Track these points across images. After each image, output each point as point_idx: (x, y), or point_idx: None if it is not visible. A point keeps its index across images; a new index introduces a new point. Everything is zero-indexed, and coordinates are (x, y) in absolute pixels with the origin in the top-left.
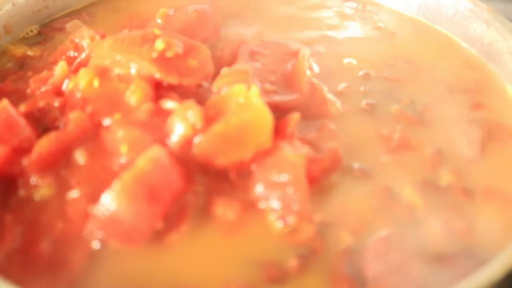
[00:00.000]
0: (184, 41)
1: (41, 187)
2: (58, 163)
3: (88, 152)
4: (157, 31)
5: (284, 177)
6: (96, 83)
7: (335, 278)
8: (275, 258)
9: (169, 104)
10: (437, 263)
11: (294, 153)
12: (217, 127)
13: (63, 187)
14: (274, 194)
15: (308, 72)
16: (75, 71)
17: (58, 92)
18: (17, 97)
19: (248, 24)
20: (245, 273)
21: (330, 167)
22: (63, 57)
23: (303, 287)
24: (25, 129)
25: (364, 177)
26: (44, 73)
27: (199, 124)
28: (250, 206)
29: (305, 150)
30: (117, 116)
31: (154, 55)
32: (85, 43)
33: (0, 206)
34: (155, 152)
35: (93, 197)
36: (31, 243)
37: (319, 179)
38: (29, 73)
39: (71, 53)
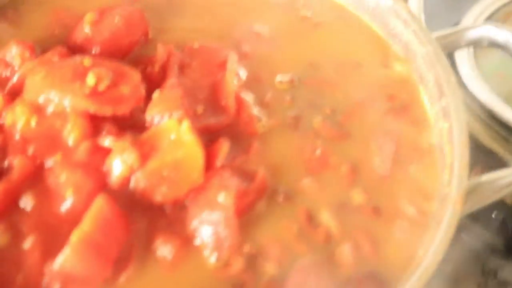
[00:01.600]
0: (114, 67)
1: None
2: (8, 210)
3: (35, 196)
4: (86, 62)
5: (215, 216)
6: (33, 122)
7: None
8: None
9: (106, 142)
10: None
11: (224, 192)
12: (152, 165)
13: (17, 234)
14: (207, 232)
15: (234, 86)
16: (10, 98)
17: None
18: None
19: (176, 20)
20: None
21: (257, 197)
22: None
23: None
24: None
25: (287, 202)
26: None
27: (135, 165)
28: (187, 242)
29: (234, 184)
30: (58, 157)
31: (87, 91)
32: (15, 62)
33: None
34: (98, 207)
35: (47, 246)
36: None
37: (247, 211)
38: None
39: (2, 72)
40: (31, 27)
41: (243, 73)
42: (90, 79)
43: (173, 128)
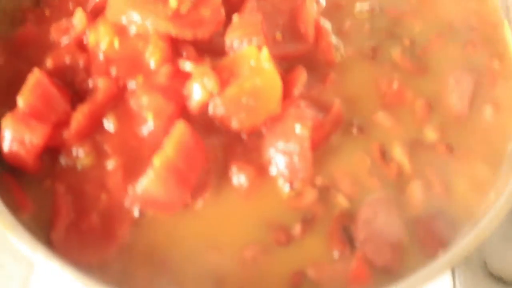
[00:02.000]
0: None
1: (82, 156)
2: (93, 130)
3: (117, 118)
4: None
5: (291, 146)
6: (116, 43)
7: (331, 241)
8: (283, 222)
9: (186, 66)
10: (414, 226)
11: (300, 123)
12: (231, 91)
13: (100, 154)
14: (282, 161)
15: (314, 13)
16: (92, 17)
17: (80, 44)
18: (40, 47)
19: None
20: (258, 235)
21: (332, 129)
22: None
23: (304, 249)
24: (61, 103)
25: (361, 135)
26: (64, 22)
27: (215, 90)
28: (262, 171)
29: (310, 116)
30: (140, 79)
31: (169, 13)
32: None
33: (48, 175)
34: (179, 134)
35: (129, 168)
36: (82, 215)
37: (322, 143)
38: (47, 11)
39: None
40: None
41: (322, 1)
42: (173, 1)
43: (252, 55)
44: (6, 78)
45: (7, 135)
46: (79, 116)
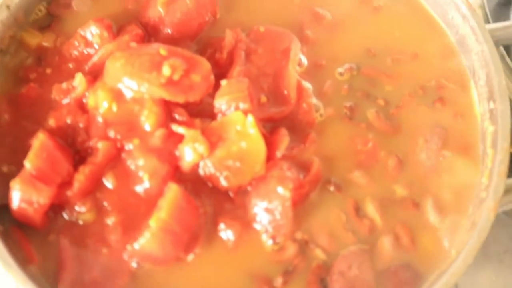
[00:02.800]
0: (187, 57)
1: (84, 213)
2: (94, 189)
3: (116, 177)
4: (162, 52)
5: (273, 206)
6: (114, 107)
7: None
8: (267, 273)
9: (179, 129)
10: (384, 277)
11: (282, 185)
12: (219, 154)
13: (101, 210)
14: (266, 218)
15: (296, 76)
16: (91, 78)
17: (80, 105)
18: (42, 105)
19: (241, 1)
20: (244, 286)
21: (312, 188)
22: (75, 52)
23: None
24: (64, 165)
25: (337, 193)
26: (64, 85)
27: (205, 153)
28: (247, 226)
29: (292, 177)
30: (136, 141)
31: (163, 80)
32: (95, 41)
33: (53, 229)
34: (173, 196)
35: (128, 223)
36: (85, 267)
37: (302, 201)
38: (48, 70)
39: (83, 49)
40: (106, 1)
41: (304, 60)
42: (166, 70)
43: (239, 121)
44: (11, 135)
45: (16, 195)
46: (81, 177)
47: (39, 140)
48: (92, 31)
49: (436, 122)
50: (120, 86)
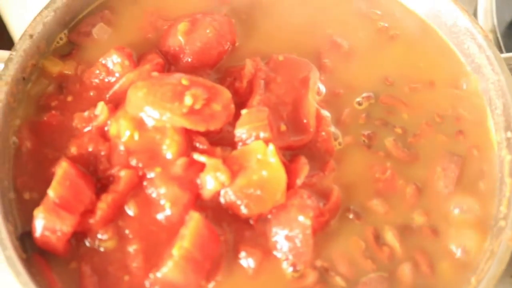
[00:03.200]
0: (208, 86)
1: (106, 240)
2: (116, 217)
3: (137, 205)
4: (184, 81)
5: (294, 234)
6: (136, 136)
7: None
8: None
9: (201, 158)
10: None
11: (303, 214)
12: (240, 182)
13: (122, 238)
14: (286, 246)
15: (315, 104)
16: (113, 106)
17: (101, 133)
18: (64, 133)
19: (261, 27)
20: None
21: (331, 216)
22: (96, 80)
23: None
24: (87, 193)
25: (357, 220)
26: (86, 113)
27: (227, 182)
28: (268, 253)
29: (312, 205)
30: (158, 170)
31: (184, 110)
32: (116, 69)
33: (75, 257)
34: (195, 225)
35: (149, 251)
36: None
37: (322, 229)
38: (69, 98)
39: (104, 77)
40: (127, 29)
41: (322, 88)
42: (188, 100)
43: (260, 150)
44: (33, 162)
45: (39, 224)
46: (103, 206)
47: (62, 169)
48: (114, 60)
49: (453, 151)
50: (142, 115)
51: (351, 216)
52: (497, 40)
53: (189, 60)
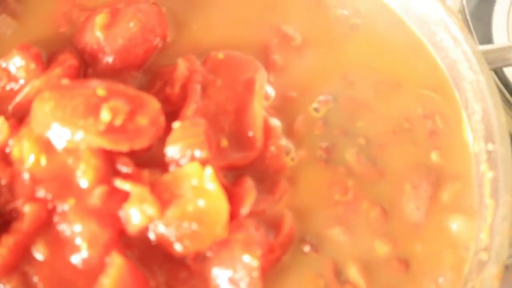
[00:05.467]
0: (131, 96)
1: None
2: (20, 262)
3: (47, 245)
4: (100, 92)
5: (239, 276)
6: (43, 161)
7: None
8: None
9: (124, 186)
10: None
11: (248, 253)
12: (172, 213)
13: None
14: None
15: (263, 114)
16: (16, 122)
17: (2, 155)
18: None
19: (195, 17)
20: None
21: (284, 251)
22: None
23: None
24: None
25: (314, 253)
26: None
27: (156, 216)
28: None
29: (259, 240)
30: (71, 201)
31: (101, 127)
32: (19, 74)
33: None
34: (117, 273)
35: None
36: None
37: (272, 267)
38: None
39: (5, 84)
40: (35, 22)
41: (271, 92)
42: (105, 115)
43: (195, 174)
44: None
45: None
46: (4, 251)
47: None
48: (16, 63)
49: (424, 164)
50: (49, 134)
51: (306, 248)
52: (467, 22)
53: (110, 60)
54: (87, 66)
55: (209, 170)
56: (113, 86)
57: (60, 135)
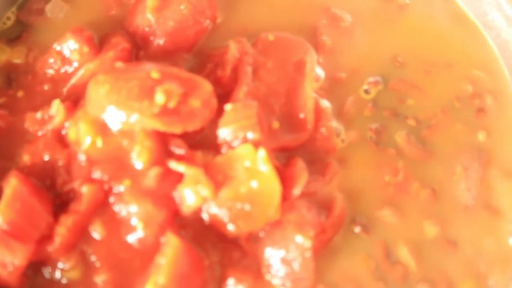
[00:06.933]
0: (184, 79)
1: (68, 270)
2: (79, 241)
3: (104, 225)
4: (154, 75)
5: (292, 256)
6: (99, 142)
7: None
8: None
9: (179, 168)
10: None
11: (301, 233)
12: (226, 195)
13: (88, 267)
14: (283, 270)
15: (313, 95)
16: (71, 104)
17: (58, 137)
18: (14, 137)
19: (245, 3)
20: None
21: (335, 232)
22: (51, 70)
23: None
24: (43, 215)
25: (365, 234)
26: (39, 114)
27: (209, 197)
28: (260, 279)
29: (311, 220)
30: (127, 182)
31: (156, 110)
32: (73, 58)
33: None
34: (173, 254)
35: (120, 282)
36: None
37: (323, 247)
38: (20, 93)
39: (60, 67)
40: (86, 5)
41: (321, 73)
42: (160, 98)
43: (248, 155)
44: None
45: None
46: (63, 230)
47: (11, 187)
48: (70, 46)
49: (475, 145)
50: (105, 116)
51: (357, 229)
52: None
53: (161, 43)
54: (138, 48)
55: (262, 152)
56: (166, 69)
57: (116, 118)
